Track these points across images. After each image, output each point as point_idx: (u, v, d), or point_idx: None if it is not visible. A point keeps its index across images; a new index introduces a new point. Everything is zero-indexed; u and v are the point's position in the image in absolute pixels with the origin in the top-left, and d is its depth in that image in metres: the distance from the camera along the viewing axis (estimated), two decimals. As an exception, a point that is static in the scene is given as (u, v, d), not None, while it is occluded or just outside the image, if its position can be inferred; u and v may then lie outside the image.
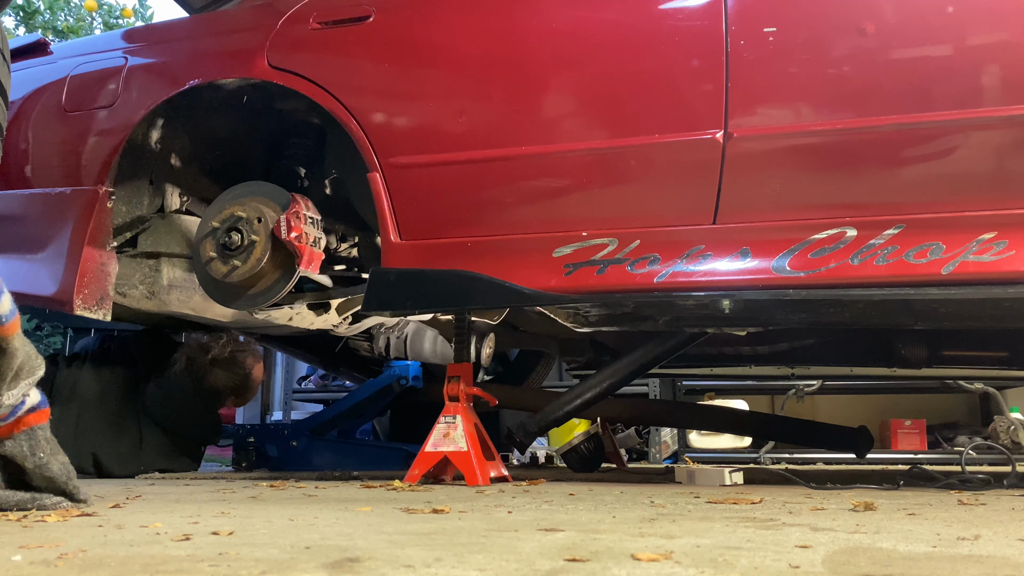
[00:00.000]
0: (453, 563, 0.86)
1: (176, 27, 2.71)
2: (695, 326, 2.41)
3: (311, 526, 1.20)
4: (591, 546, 0.98)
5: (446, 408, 2.22)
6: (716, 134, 1.93)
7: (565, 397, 2.57)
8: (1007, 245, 1.79)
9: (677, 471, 2.49)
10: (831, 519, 1.31)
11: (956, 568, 0.84)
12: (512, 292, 2.03)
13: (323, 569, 0.82)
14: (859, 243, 1.86)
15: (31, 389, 1.42)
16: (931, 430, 4.30)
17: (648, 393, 4.41)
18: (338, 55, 2.29)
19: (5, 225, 2.55)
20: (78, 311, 2.31)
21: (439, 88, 2.17)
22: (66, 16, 9.25)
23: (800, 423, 3.12)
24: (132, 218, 2.53)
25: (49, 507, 1.40)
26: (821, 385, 3.79)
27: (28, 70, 2.70)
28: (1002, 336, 2.62)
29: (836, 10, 1.93)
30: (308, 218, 2.29)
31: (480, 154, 2.10)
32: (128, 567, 0.82)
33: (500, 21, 2.20)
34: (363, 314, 2.57)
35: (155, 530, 1.14)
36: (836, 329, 2.80)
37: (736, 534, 1.10)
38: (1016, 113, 1.80)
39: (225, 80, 2.35)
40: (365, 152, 2.18)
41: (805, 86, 1.92)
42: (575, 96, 2.10)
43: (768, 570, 0.82)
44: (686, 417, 3.37)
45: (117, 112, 2.43)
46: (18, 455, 1.40)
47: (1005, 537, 1.08)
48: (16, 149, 2.57)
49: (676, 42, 2.01)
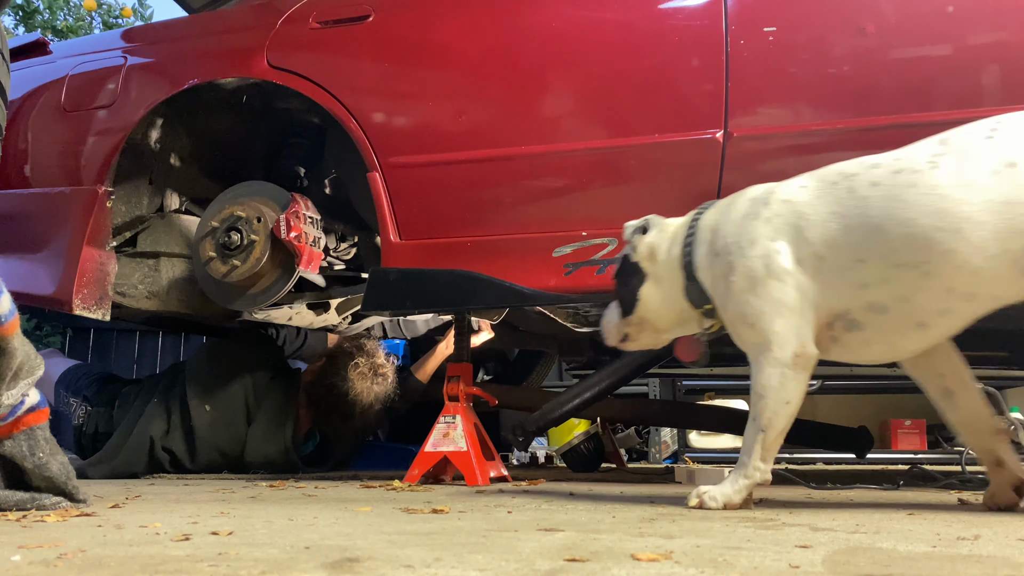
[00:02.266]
0: (453, 563, 0.86)
1: (175, 27, 2.71)
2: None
3: (311, 526, 1.20)
4: (591, 546, 0.98)
5: (446, 408, 2.22)
6: (716, 134, 1.93)
7: (564, 397, 2.56)
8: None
9: (677, 471, 2.49)
10: (831, 519, 1.31)
11: (956, 568, 0.84)
12: (512, 292, 2.03)
13: (323, 569, 0.82)
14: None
15: (30, 389, 1.42)
16: (931, 430, 4.29)
17: (648, 393, 4.41)
18: (338, 55, 2.29)
19: (4, 225, 2.55)
20: (77, 311, 2.31)
21: (439, 88, 2.17)
22: (65, 16, 9.25)
23: (800, 423, 3.10)
24: (131, 218, 2.53)
25: (48, 507, 1.40)
26: (821, 385, 3.78)
27: (27, 70, 2.69)
28: (1002, 336, 2.62)
29: (837, 10, 1.93)
30: (308, 218, 2.29)
31: (480, 154, 2.10)
32: (127, 567, 0.82)
33: (499, 21, 2.20)
34: (363, 314, 2.57)
35: (154, 530, 1.14)
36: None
37: (736, 534, 1.10)
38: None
39: (224, 80, 2.35)
40: (365, 152, 2.18)
41: (805, 85, 1.92)
42: (574, 96, 2.10)
43: (768, 570, 0.82)
44: (686, 417, 3.37)
45: (116, 112, 2.43)
46: (17, 455, 1.39)
47: (1005, 537, 1.08)
48: (15, 149, 2.57)
49: (676, 42, 2.01)
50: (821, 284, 1.38)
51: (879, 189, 1.34)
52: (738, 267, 1.43)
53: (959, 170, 1.29)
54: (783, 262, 1.39)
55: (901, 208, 1.30)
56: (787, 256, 1.40)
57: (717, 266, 1.48)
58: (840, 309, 1.39)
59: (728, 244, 1.46)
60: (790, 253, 1.40)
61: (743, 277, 1.42)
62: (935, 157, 1.32)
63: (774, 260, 1.40)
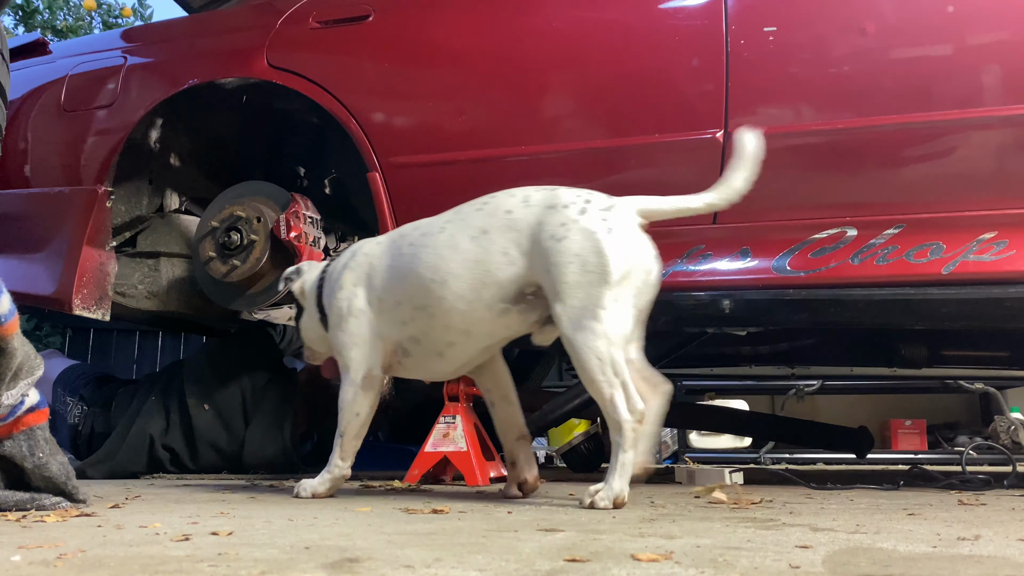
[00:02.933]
0: (453, 563, 0.86)
1: (175, 27, 2.71)
2: (695, 326, 2.41)
3: (310, 526, 1.20)
4: (591, 546, 0.98)
5: (446, 408, 2.22)
6: (716, 133, 1.93)
7: (564, 397, 2.56)
8: (1007, 245, 1.79)
9: (677, 471, 2.49)
10: (831, 519, 1.30)
11: (956, 568, 0.84)
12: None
13: (322, 569, 0.82)
14: (859, 243, 1.86)
15: (30, 389, 1.42)
16: (931, 430, 4.29)
17: (648, 393, 4.40)
18: (337, 54, 2.29)
19: (4, 225, 2.55)
20: (77, 311, 2.31)
21: (439, 87, 2.17)
22: (65, 16, 9.24)
23: (800, 423, 3.12)
24: (131, 218, 2.53)
25: (48, 507, 1.40)
26: (821, 385, 3.78)
27: (27, 70, 2.69)
28: (1002, 336, 2.62)
29: (836, 10, 1.93)
30: (308, 217, 2.29)
31: (480, 154, 2.10)
32: (127, 567, 0.82)
33: (500, 21, 2.19)
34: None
35: (154, 530, 1.13)
36: (836, 329, 2.80)
37: (736, 534, 1.10)
38: (1016, 113, 1.80)
39: (224, 80, 2.34)
40: (365, 152, 2.17)
41: (805, 85, 1.92)
42: (574, 96, 2.10)
43: (768, 570, 0.82)
44: (686, 417, 3.37)
45: (116, 112, 2.43)
46: (17, 455, 1.39)
47: (1005, 537, 1.08)
48: (15, 149, 2.57)
49: (676, 42, 2.00)
50: (382, 321, 1.71)
51: (412, 248, 1.68)
52: (332, 305, 1.78)
53: (453, 235, 1.62)
54: (359, 303, 1.73)
55: (417, 264, 1.65)
56: (362, 299, 1.73)
57: (328, 304, 1.81)
58: (396, 340, 1.72)
59: (332, 287, 1.80)
60: (364, 296, 1.73)
61: (334, 314, 1.77)
62: (445, 224, 1.66)
63: (352, 302, 1.74)
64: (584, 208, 1.52)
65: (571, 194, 1.56)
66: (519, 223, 1.56)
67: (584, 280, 1.46)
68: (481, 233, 1.58)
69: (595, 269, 1.46)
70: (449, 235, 1.62)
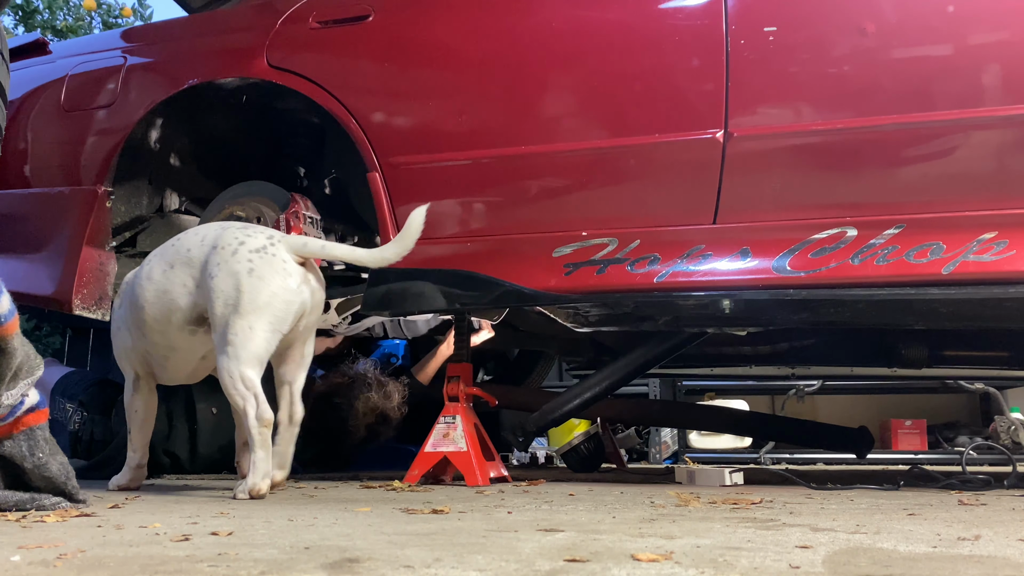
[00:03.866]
0: (453, 563, 0.85)
1: (175, 26, 2.70)
2: (695, 326, 2.41)
3: (310, 526, 1.20)
4: (591, 546, 0.98)
5: (446, 408, 2.22)
6: (716, 134, 1.93)
7: (564, 397, 2.56)
8: (1008, 245, 1.79)
9: (677, 471, 2.49)
10: (831, 519, 1.30)
11: (956, 568, 0.84)
12: (512, 292, 2.03)
13: (322, 569, 0.82)
14: (859, 243, 1.86)
15: (30, 389, 1.42)
16: (931, 430, 4.29)
17: (648, 393, 4.40)
18: (337, 54, 2.28)
19: (4, 225, 2.55)
20: (76, 311, 2.31)
21: (439, 87, 2.17)
22: (65, 15, 9.24)
23: (800, 423, 3.11)
24: (131, 218, 2.53)
25: (48, 507, 1.40)
26: (821, 385, 3.78)
27: (27, 69, 2.69)
28: (1002, 336, 2.62)
29: (836, 10, 1.93)
30: (308, 218, 2.29)
31: (480, 154, 2.10)
32: (127, 567, 0.82)
33: (499, 20, 2.19)
34: (363, 314, 2.57)
35: (154, 530, 1.13)
36: (836, 329, 2.80)
37: (736, 534, 1.10)
38: (1016, 113, 1.80)
39: (224, 79, 2.34)
40: (365, 152, 2.17)
41: (805, 85, 1.92)
42: (574, 96, 2.10)
43: (768, 570, 0.82)
44: (686, 417, 3.37)
45: (116, 111, 2.42)
46: (17, 455, 1.39)
47: (1006, 537, 1.08)
48: (15, 149, 2.57)
49: (676, 41, 2.00)
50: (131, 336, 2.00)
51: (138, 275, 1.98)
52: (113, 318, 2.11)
53: (152, 267, 1.93)
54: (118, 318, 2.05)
55: (135, 289, 1.95)
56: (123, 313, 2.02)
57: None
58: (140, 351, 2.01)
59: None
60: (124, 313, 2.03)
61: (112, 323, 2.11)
62: (152, 256, 1.97)
63: (116, 315, 2.06)
64: (236, 249, 1.81)
65: (232, 236, 1.84)
66: (194, 260, 1.87)
67: (225, 311, 1.78)
68: (169, 267, 1.90)
69: (232, 302, 1.77)
70: (150, 267, 1.94)
